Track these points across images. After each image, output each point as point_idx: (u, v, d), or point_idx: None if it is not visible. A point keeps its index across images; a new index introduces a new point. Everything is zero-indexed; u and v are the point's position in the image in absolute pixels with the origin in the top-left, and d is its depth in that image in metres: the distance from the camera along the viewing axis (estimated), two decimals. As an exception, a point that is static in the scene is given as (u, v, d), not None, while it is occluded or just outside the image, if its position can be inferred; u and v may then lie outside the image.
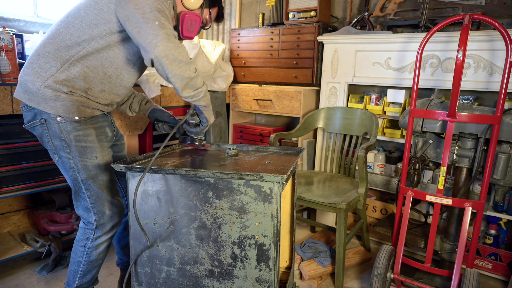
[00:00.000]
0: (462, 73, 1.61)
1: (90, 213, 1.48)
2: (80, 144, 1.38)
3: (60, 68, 1.32)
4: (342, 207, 1.93)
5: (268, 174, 1.17)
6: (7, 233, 2.24)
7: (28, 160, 1.94)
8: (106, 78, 1.40)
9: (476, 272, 1.65)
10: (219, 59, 2.85)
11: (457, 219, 1.83)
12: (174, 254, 1.32)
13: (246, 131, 2.99)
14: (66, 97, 1.32)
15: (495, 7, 2.10)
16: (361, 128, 2.33)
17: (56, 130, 1.35)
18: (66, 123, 1.34)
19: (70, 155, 1.38)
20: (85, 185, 1.43)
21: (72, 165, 1.40)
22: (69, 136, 1.36)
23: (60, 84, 1.31)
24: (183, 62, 1.28)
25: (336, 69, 2.51)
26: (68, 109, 1.33)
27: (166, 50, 1.24)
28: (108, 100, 1.46)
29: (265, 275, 1.25)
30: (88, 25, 1.33)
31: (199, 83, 1.37)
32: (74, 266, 1.55)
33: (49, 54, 1.32)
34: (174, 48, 1.26)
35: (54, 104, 1.32)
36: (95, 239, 1.51)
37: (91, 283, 1.61)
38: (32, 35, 2.33)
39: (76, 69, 1.33)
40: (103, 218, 1.50)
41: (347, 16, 2.66)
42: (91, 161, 1.42)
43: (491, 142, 1.62)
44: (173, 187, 1.28)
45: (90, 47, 1.33)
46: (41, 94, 1.31)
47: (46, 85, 1.31)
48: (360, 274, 2.17)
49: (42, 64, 1.32)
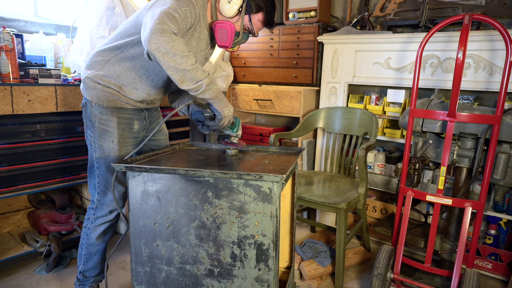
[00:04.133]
0: (462, 73, 1.61)
1: (95, 191, 1.63)
2: (102, 126, 1.56)
3: (103, 66, 1.55)
4: (342, 207, 1.93)
5: (267, 174, 1.17)
6: (7, 233, 2.25)
7: (28, 160, 1.94)
8: (138, 78, 1.56)
9: (476, 272, 1.65)
10: (219, 59, 2.85)
11: (457, 219, 1.83)
12: (173, 254, 1.32)
13: (246, 131, 2.99)
14: (101, 88, 1.54)
15: (495, 7, 2.10)
16: (361, 128, 2.33)
17: (89, 113, 1.58)
18: (96, 107, 1.56)
19: (92, 134, 1.58)
20: (97, 163, 1.59)
21: (92, 143, 1.59)
22: (95, 118, 1.56)
23: (99, 78, 1.54)
24: (177, 55, 1.28)
25: (336, 69, 2.51)
26: (100, 98, 1.54)
27: (157, 43, 1.27)
28: (141, 98, 1.59)
29: (265, 274, 1.25)
30: (128, 34, 1.53)
31: (200, 76, 1.35)
32: (80, 249, 1.70)
33: (99, 54, 1.57)
34: (167, 42, 1.27)
35: (91, 93, 1.55)
36: (94, 219, 1.64)
37: (95, 273, 1.72)
38: (32, 35, 2.34)
39: (113, 68, 1.54)
40: (104, 199, 1.62)
41: (347, 16, 2.66)
42: (107, 144, 1.57)
43: (491, 142, 1.62)
44: (173, 186, 1.28)
45: (126, 51, 1.53)
46: (86, 83, 1.56)
47: (89, 77, 1.55)
48: (360, 274, 2.17)
49: (92, 61, 1.57)
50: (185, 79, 1.34)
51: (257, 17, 1.55)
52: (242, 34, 1.57)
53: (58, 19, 2.64)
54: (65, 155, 2.08)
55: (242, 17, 1.53)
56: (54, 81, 2.03)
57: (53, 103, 1.98)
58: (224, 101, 1.47)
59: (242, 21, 1.54)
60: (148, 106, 1.67)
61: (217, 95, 1.43)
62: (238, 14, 1.52)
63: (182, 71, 1.31)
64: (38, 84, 1.94)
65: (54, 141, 2.03)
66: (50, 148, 2.01)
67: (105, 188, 1.61)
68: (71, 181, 2.13)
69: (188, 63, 1.31)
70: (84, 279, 1.71)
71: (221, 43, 1.54)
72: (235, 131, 1.58)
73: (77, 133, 2.11)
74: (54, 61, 2.35)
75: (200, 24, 1.51)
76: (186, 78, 1.34)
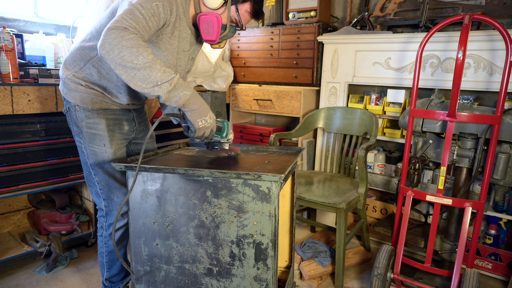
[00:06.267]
0: (462, 73, 1.61)
1: (100, 199, 1.57)
2: (90, 131, 1.47)
3: (83, 66, 1.44)
4: (342, 207, 1.92)
5: (266, 173, 1.17)
6: (7, 233, 2.25)
7: (28, 160, 1.94)
8: (120, 81, 1.44)
9: (476, 272, 1.65)
10: (219, 59, 2.85)
11: (457, 219, 1.83)
12: (173, 253, 1.32)
13: (246, 131, 2.99)
14: (84, 89, 1.44)
15: (495, 7, 2.09)
16: (361, 128, 2.33)
17: (74, 118, 1.48)
18: (80, 111, 1.45)
19: (82, 140, 1.49)
20: (94, 170, 1.51)
21: (83, 150, 1.50)
22: (82, 123, 1.46)
23: (80, 79, 1.44)
24: (125, 50, 1.13)
25: (336, 69, 2.51)
26: (84, 100, 1.44)
27: (102, 40, 1.15)
28: (127, 101, 1.50)
29: (263, 274, 1.25)
30: None
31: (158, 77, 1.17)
32: (100, 258, 1.66)
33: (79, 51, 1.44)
34: (113, 37, 1.13)
35: (74, 95, 1.45)
36: (107, 227, 1.59)
37: (120, 277, 1.68)
38: (32, 35, 2.34)
39: (94, 69, 1.43)
40: (111, 204, 1.56)
41: (347, 16, 2.66)
42: (99, 148, 1.48)
43: (491, 142, 1.62)
44: (172, 186, 1.28)
45: None
46: (67, 84, 1.45)
47: (69, 77, 1.44)
48: (360, 274, 2.17)
49: (71, 60, 1.46)
50: (135, 79, 1.16)
51: (244, 8, 1.42)
52: (229, 27, 1.43)
53: (58, 19, 2.64)
54: (65, 155, 2.08)
55: (229, 8, 1.39)
56: (54, 81, 2.03)
57: (53, 103, 1.98)
58: (199, 110, 1.28)
59: (228, 12, 1.40)
60: (135, 107, 1.59)
61: (186, 102, 1.24)
62: (224, 5, 1.38)
63: (131, 69, 1.15)
64: (38, 84, 1.95)
65: (54, 141, 2.03)
66: (50, 148, 2.01)
67: (109, 192, 1.54)
68: (71, 181, 2.14)
69: (140, 60, 1.14)
70: (111, 284, 1.69)
71: (207, 37, 1.40)
72: (223, 136, 1.44)
73: (77, 133, 2.11)
74: (54, 61, 2.36)
75: (180, 21, 1.39)
76: (136, 78, 1.16)
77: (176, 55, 1.46)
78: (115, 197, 1.55)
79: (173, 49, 1.42)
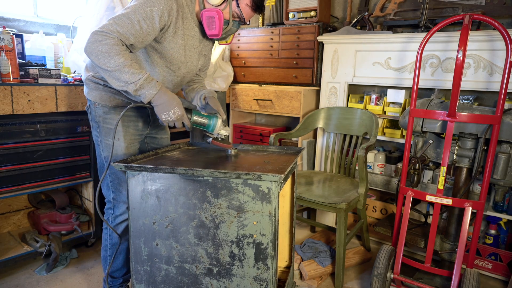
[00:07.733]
0: (462, 73, 1.61)
1: (109, 191, 1.64)
2: (106, 125, 1.57)
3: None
4: (342, 207, 1.92)
5: (265, 173, 1.17)
6: (7, 233, 2.25)
7: (28, 160, 1.95)
8: None
9: (476, 272, 1.65)
10: (219, 59, 2.85)
11: (457, 219, 1.83)
12: (173, 253, 1.32)
13: (246, 131, 2.99)
14: (102, 88, 1.55)
15: (495, 7, 2.09)
16: (361, 128, 2.33)
17: (93, 114, 1.59)
18: (99, 108, 1.57)
19: (98, 134, 1.60)
20: (107, 163, 1.57)
21: (99, 143, 1.61)
22: (99, 118, 1.58)
23: (99, 79, 1.54)
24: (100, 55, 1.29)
25: (336, 69, 2.51)
26: (102, 98, 1.55)
27: (86, 43, 1.30)
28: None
29: (263, 273, 1.25)
30: None
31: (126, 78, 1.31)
32: (103, 252, 1.71)
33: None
34: (93, 42, 1.29)
35: (94, 94, 1.56)
36: (114, 218, 1.65)
37: (122, 272, 1.72)
38: (32, 35, 2.34)
39: None
40: (119, 196, 1.62)
41: (347, 16, 2.66)
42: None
43: (491, 142, 1.62)
44: (172, 186, 1.28)
45: None
46: (88, 84, 1.58)
47: (89, 78, 1.56)
48: (360, 274, 2.17)
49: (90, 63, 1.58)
50: (110, 78, 1.33)
51: (244, 2, 1.48)
52: (233, 22, 1.51)
53: (58, 19, 2.64)
54: (65, 155, 2.09)
55: (230, 3, 1.47)
56: (54, 81, 2.03)
57: (53, 103, 1.98)
58: (162, 105, 1.39)
59: (230, 7, 1.48)
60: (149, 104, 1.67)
61: (150, 99, 1.38)
62: (225, 1, 1.47)
63: (105, 71, 1.32)
64: (38, 84, 1.94)
65: (54, 141, 2.03)
66: (50, 148, 2.02)
67: (119, 185, 1.61)
68: (71, 181, 2.14)
69: (111, 64, 1.29)
70: (112, 280, 1.71)
71: (210, 32, 1.49)
72: (210, 131, 1.54)
73: (77, 133, 2.11)
74: (54, 61, 2.36)
75: (185, 20, 1.48)
76: (111, 78, 1.33)
77: (183, 53, 1.54)
78: (123, 190, 1.62)
79: (178, 47, 1.50)
